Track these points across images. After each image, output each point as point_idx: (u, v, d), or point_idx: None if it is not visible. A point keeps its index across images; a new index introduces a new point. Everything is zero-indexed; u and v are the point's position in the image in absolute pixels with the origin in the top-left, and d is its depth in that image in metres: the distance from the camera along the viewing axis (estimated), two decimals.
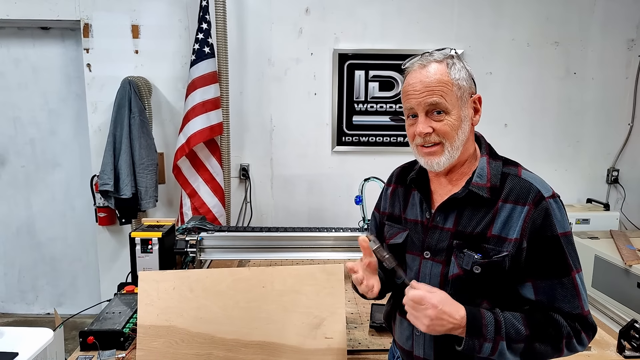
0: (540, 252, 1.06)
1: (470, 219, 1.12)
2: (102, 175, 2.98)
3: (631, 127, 3.48)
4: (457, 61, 1.13)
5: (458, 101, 1.10)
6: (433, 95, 1.09)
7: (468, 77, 1.13)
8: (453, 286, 1.12)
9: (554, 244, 1.06)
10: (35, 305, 3.72)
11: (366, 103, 3.34)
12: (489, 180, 1.12)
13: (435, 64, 1.11)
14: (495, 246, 1.08)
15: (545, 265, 1.07)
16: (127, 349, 1.57)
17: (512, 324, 1.05)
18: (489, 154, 1.17)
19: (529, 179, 1.11)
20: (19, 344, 1.46)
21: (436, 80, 1.09)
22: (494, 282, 1.09)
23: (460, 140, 1.11)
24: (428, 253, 1.17)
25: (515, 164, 1.17)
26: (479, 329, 1.03)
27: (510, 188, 1.10)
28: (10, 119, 3.45)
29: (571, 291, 1.06)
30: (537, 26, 3.32)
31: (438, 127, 1.10)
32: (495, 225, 1.08)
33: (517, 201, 1.08)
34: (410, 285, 1.07)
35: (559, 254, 1.06)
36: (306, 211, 3.47)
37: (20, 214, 3.58)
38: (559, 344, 1.05)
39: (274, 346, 1.49)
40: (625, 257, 2.64)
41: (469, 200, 1.13)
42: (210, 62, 3.00)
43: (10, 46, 3.36)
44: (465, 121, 1.12)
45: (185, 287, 1.51)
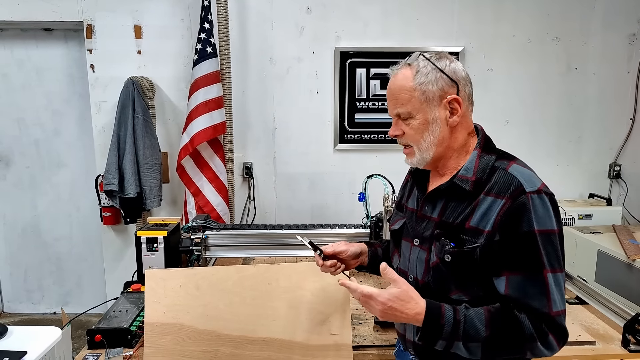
0: (513, 247, 1.06)
1: (453, 210, 1.15)
2: (106, 175, 3.00)
3: (633, 121, 3.48)
4: (427, 64, 1.14)
5: (422, 105, 1.14)
6: (396, 104, 1.16)
7: (438, 79, 1.13)
8: (433, 274, 1.17)
9: (528, 239, 1.05)
10: (42, 305, 3.75)
11: (368, 101, 3.35)
12: (474, 173, 1.14)
13: (403, 70, 1.17)
14: (472, 237, 1.10)
15: (517, 260, 1.06)
16: (134, 347, 1.59)
17: (473, 325, 1.05)
18: (482, 147, 1.18)
19: (515, 172, 1.10)
20: (27, 342, 1.48)
21: (399, 87, 1.16)
22: (465, 272, 1.11)
23: (427, 142, 1.16)
24: (417, 240, 1.23)
25: (509, 158, 1.16)
26: (435, 326, 1.05)
27: (495, 181, 1.11)
28: (15, 120, 3.48)
29: (541, 289, 1.04)
30: (538, 22, 3.32)
31: (405, 130, 1.17)
32: (474, 217, 1.10)
33: (498, 194, 1.09)
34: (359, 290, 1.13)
35: (531, 251, 1.05)
36: (309, 209, 3.49)
37: (25, 215, 3.61)
38: (520, 345, 1.04)
39: (279, 342, 1.50)
40: (628, 251, 2.64)
41: (453, 192, 1.16)
42: (212, 62, 3.01)
43: (14, 48, 3.38)
44: (435, 123, 1.14)
45: (191, 284, 1.53)
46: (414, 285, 1.17)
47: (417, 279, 1.22)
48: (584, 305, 1.97)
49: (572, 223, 3.25)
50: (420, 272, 1.21)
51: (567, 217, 3.25)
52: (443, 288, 1.14)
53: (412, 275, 1.23)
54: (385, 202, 2.08)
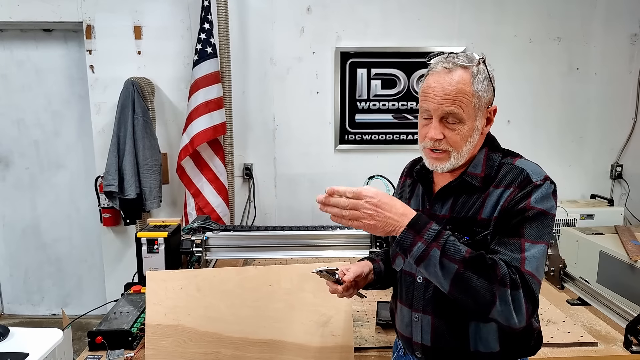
0: (503, 220, 1.08)
1: (463, 205, 1.16)
2: (106, 176, 2.99)
3: (635, 122, 3.47)
4: (482, 69, 1.13)
5: (475, 112, 1.12)
6: (452, 104, 1.10)
7: (489, 87, 1.14)
8: None
9: (518, 214, 1.07)
10: (41, 307, 3.74)
11: (368, 101, 3.34)
12: (483, 170, 1.16)
13: (460, 71, 1.11)
14: (483, 228, 1.11)
15: (503, 226, 1.08)
16: (135, 349, 1.58)
17: (454, 243, 1.03)
18: (489, 147, 1.20)
19: (522, 165, 1.13)
20: (29, 344, 1.47)
21: (458, 90, 1.10)
22: None
23: (467, 149, 1.14)
24: None
25: (514, 155, 1.19)
26: (420, 227, 1.03)
27: (503, 175, 1.13)
28: (14, 121, 3.47)
29: (515, 248, 1.05)
30: (540, 22, 3.32)
31: (449, 135, 1.12)
32: (485, 209, 1.12)
33: (507, 186, 1.11)
34: None
35: (517, 220, 1.07)
36: (310, 210, 3.48)
37: (25, 216, 3.60)
38: (491, 285, 1.00)
39: (281, 344, 1.49)
40: (630, 252, 2.63)
41: (463, 189, 1.16)
42: (212, 62, 3.01)
43: (13, 48, 3.38)
44: (476, 131, 1.14)
45: (192, 286, 1.52)
46: (425, 287, 1.19)
47: (427, 280, 1.17)
48: (585, 307, 1.96)
49: (574, 224, 3.24)
50: None
51: (568, 218, 3.24)
52: None
53: (421, 276, 1.20)
54: None
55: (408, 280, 1.25)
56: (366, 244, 2.16)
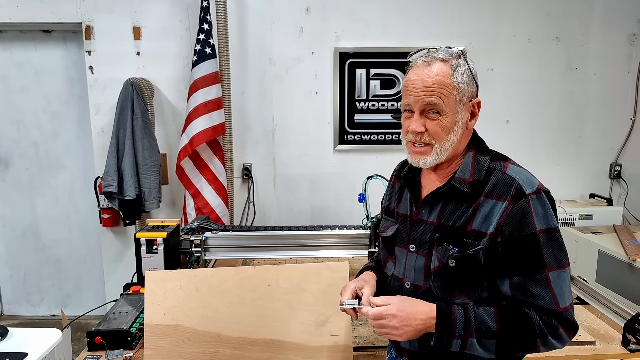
0: (514, 250, 1.07)
1: (452, 213, 1.14)
2: (105, 176, 2.99)
3: (633, 121, 3.47)
4: (462, 62, 1.12)
5: (455, 104, 1.11)
6: (432, 95, 1.10)
7: (470, 81, 1.13)
8: (435, 279, 1.15)
9: (529, 241, 1.06)
10: (41, 307, 3.74)
11: (367, 101, 3.35)
12: (472, 175, 1.13)
13: (439, 64, 1.11)
14: (475, 240, 1.09)
15: (519, 262, 1.07)
16: (134, 349, 1.58)
17: (483, 321, 1.06)
18: (476, 149, 1.18)
19: (513, 174, 1.10)
20: (28, 344, 1.48)
21: (437, 81, 1.10)
22: (470, 275, 1.11)
23: (449, 143, 1.12)
24: (413, 246, 1.21)
25: (503, 159, 1.17)
26: (448, 326, 1.07)
27: (494, 183, 1.10)
28: (14, 122, 3.47)
29: (544, 288, 1.06)
30: (538, 22, 3.32)
31: (430, 126, 1.12)
32: (476, 219, 1.10)
33: (499, 197, 1.09)
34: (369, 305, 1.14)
35: (533, 252, 1.06)
36: (309, 210, 3.48)
37: (24, 217, 3.60)
38: (532, 340, 1.05)
39: (280, 344, 1.50)
40: (629, 251, 2.64)
41: (451, 195, 1.14)
42: (211, 63, 3.01)
43: (13, 49, 3.38)
44: (459, 124, 1.12)
45: (191, 286, 1.53)
46: (412, 292, 1.19)
47: (415, 285, 1.19)
48: (584, 306, 1.97)
49: (572, 223, 3.24)
50: (419, 278, 1.19)
51: (567, 218, 3.24)
52: (447, 293, 1.14)
53: (409, 281, 1.21)
54: None
55: (396, 284, 1.25)
56: (365, 243, 2.17)
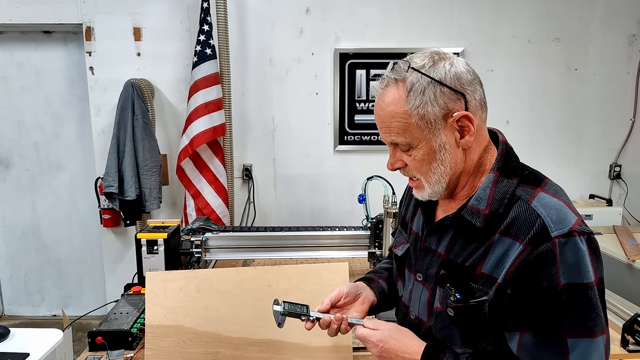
0: (527, 304, 0.85)
1: (462, 248, 0.94)
2: (106, 177, 3.00)
3: (633, 122, 3.48)
4: (420, 78, 0.89)
5: (422, 132, 0.90)
6: (390, 134, 0.93)
7: (439, 96, 0.88)
8: (436, 321, 1.00)
9: (547, 297, 0.83)
10: (42, 308, 3.74)
11: (367, 102, 3.35)
12: (488, 205, 0.91)
13: (391, 89, 0.92)
14: (483, 286, 0.90)
15: (532, 318, 0.86)
16: (135, 349, 1.59)
17: None
18: (500, 168, 0.94)
19: (540, 207, 0.86)
20: (29, 344, 1.48)
21: (389, 114, 0.92)
22: (472, 327, 0.93)
23: (437, 174, 0.94)
24: (420, 276, 1.05)
25: (535, 183, 0.92)
26: None
27: (513, 218, 0.88)
28: (14, 123, 3.48)
29: (558, 355, 0.84)
30: (538, 23, 3.32)
31: (408, 161, 0.96)
32: (487, 261, 0.90)
33: (516, 236, 0.87)
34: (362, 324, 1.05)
35: (550, 310, 0.84)
36: (309, 210, 3.48)
37: (25, 217, 3.60)
38: None
39: (280, 344, 1.50)
40: (628, 252, 2.64)
41: (462, 227, 0.95)
42: (212, 64, 3.01)
43: (13, 50, 3.38)
44: (443, 150, 0.92)
45: (192, 286, 1.53)
46: (416, 326, 1.06)
47: (420, 319, 1.05)
48: None
49: None
50: (423, 314, 1.04)
51: None
52: (447, 339, 0.98)
53: (414, 313, 1.07)
54: (386, 203, 2.08)
55: (403, 311, 1.13)
56: (365, 244, 2.18)
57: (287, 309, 1.11)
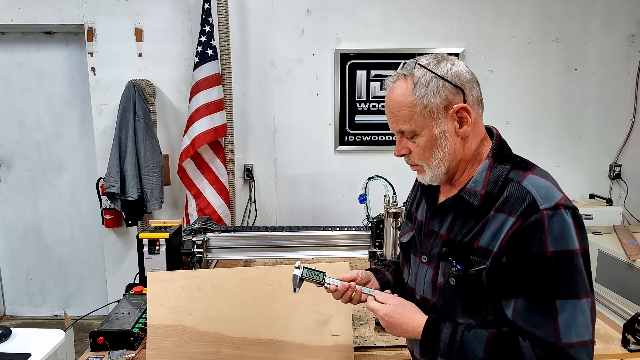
0: (520, 270, 0.95)
1: (461, 227, 1.06)
2: (108, 177, 3.01)
3: (633, 122, 3.48)
4: (421, 73, 1.03)
5: (426, 120, 1.03)
6: (398, 122, 1.06)
7: (441, 89, 1.02)
8: (440, 295, 1.09)
9: (536, 263, 0.93)
10: (43, 308, 3.75)
11: (368, 102, 3.36)
12: (484, 186, 1.03)
13: (400, 83, 1.06)
14: (481, 258, 1.00)
15: (523, 284, 0.95)
16: (137, 349, 1.59)
17: (469, 346, 1.00)
18: (495, 156, 1.07)
19: (530, 186, 0.98)
20: (31, 345, 1.49)
21: (398, 104, 1.05)
22: (472, 296, 1.03)
23: (437, 159, 1.06)
24: (425, 257, 1.16)
25: (526, 167, 1.04)
26: (432, 344, 1.05)
27: (507, 196, 1.00)
28: (16, 124, 3.49)
29: (547, 318, 0.93)
30: (538, 23, 3.33)
31: (412, 148, 1.08)
32: (484, 236, 1.01)
33: (509, 212, 0.98)
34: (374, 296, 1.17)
35: (539, 275, 0.93)
36: (310, 210, 3.49)
37: (27, 217, 3.62)
38: None
39: (281, 343, 1.51)
40: (628, 251, 2.65)
41: (462, 207, 1.07)
42: (213, 64, 3.02)
43: (14, 51, 3.40)
44: (443, 138, 1.04)
45: (193, 286, 1.54)
46: (421, 305, 1.14)
47: (425, 298, 1.15)
48: None
49: None
50: (428, 292, 1.14)
51: None
52: (450, 311, 1.08)
53: (420, 293, 1.17)
54: (386, 203, 2.08)
55: (409, 294, 1.23)
56: (366, 244, 2.18)
57: (306, 275, 1.23)
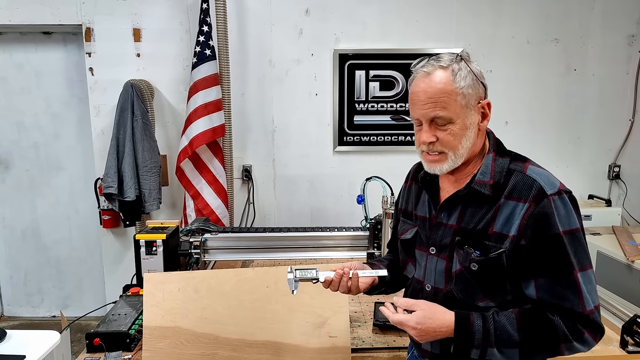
0: (540, 251, 1.06)
1: (472, 216, 1.13)
2: (105, 178, 3.00)
3: (632, 122, 3.48)
4: (463, 66, 1.10)
5: (462, 110, 1.09)
6: (436, 107, 1.09)
7: (475, 83, 1.11)
8: (456, 282, 1.15)
9: (554, 242, 1.05)
10: (41, 308, 3.74)
11: (367, 103, 3.35)
12: (492, 177, 1.12)
13: (439, 72, 1.10)
14: (496, 243, 1.08)
15: (545, 263, 1.06)
16: (133, 350, 1.59)
17: (504, 330, 1.06)
18: (495, 150, 1.17)
19: (534, 174, 1.10)
20: (26, 347, 1.48)
21: (439, 90, 1.09)
22: (493, 279, 1.10)
23: (464, 148, 1.12)
24: (434, 249, 1.20)
25: (523, 160, 1.16)
26: (467, 336, 1.07)
27: (514, 185, 1.10)
28: (14, 124, 3.48)
29: (572, 290, 1.05)
30: (537, 23, 3.32)
31: (442, 136, 1.11)
32: (497, 222, 1.09)
33: (519, 198, 1.08)
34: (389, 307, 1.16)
35: (559, 253, 1.05)
36: (308, 211, 3.48)
37: (25, 218, 3.61)
38: (556, 346, 1.06)
39: (278, 345, 1.50)
40: (627, 252, 2.64)
41: (471, 198, 1.14)
42: (211, 65, 3.02)
43: (13, 51, 3.39)
44: (471, 128, 1.12)
45: (190, 288, 1.53)
46: (432, 295, 1.19)
47: (436, 288, 1.20)
48: None
49: None
50: (440, 282, 1.19)
51: None
52: (469, 296, 1.14)
53: (430, 284, 1.21)
54: (384, 204, 2.08)
55: (417, 287, 1.26)
56: (364, 244, 2.18)
57: (299, 276, 1.25)
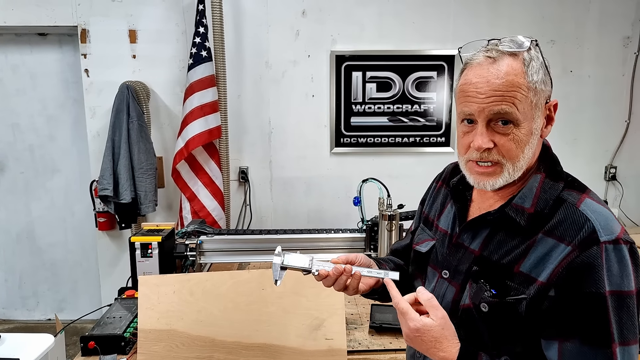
0: (573, 310, 0.83)
1: (500, 246, 0.92)
2: (101, 180, 2.99)
3: (628, 124, 3.49)
4: (535, 55, 0.89)
5: (532, 110, 0.88)
6: (502, 102, 0.86)
7: (546, 77, 0.90)
8: (462, 318, 0.95)
9: (595, 303, 0.81)
10: (36, 311, 3.72)
11: (364, 104, 3.35)
12: (533, 205, 0.90)
13: (508, 59, 0.87)
14: (520, 285, 0.87)
15: (578, 326, 0.83)
16: (128, 353, 1.57)
17: None
18: (547, 171, 0.94)
19: (588, 212, 0.86)
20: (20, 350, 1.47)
21: (508, 82, 0.86)
22: (504, 326, 0.90)
23: (525, 160, 0.90)
24: (447, 272, 1.02)
25: (581, 189, 0.92)
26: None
27: (560, 220, 0.87)
28: (9, 126, 3.46)
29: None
30: (533, 25, 3.33)
31: (502, 142, 0.88)
32: (527, 260, 0.87)
33: (562, 238, 0.85)
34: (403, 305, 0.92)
35: (598, 317, 0.81)
36: (305, 213, 3.48)
37: (20, 220, 3.58)
38: None
39: (274, 348, 1.49)
40: None
41: (503, 223, 0.92)
42: (207, 66, 3.01)
43: (8, 53, 3.37)
44: (535, 135, 0.90)
45: (185, 290, 1.52)
46: None
47: None
48: None
49: None
50: (446, 312, 0.97)
51: None
52: (472, 337, 0.93)
53: None
54: (381, 206, 2.07)
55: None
56: (360, 246, 2.17)
57: (287, 263, 1.00)
